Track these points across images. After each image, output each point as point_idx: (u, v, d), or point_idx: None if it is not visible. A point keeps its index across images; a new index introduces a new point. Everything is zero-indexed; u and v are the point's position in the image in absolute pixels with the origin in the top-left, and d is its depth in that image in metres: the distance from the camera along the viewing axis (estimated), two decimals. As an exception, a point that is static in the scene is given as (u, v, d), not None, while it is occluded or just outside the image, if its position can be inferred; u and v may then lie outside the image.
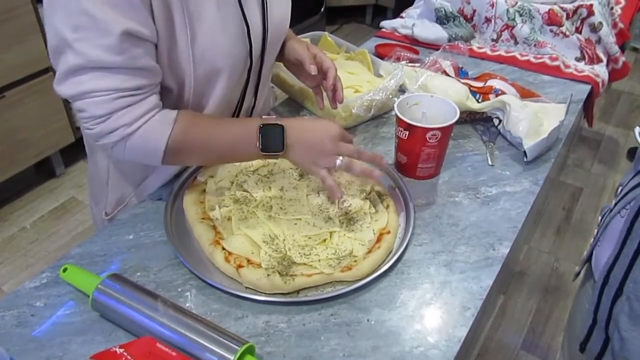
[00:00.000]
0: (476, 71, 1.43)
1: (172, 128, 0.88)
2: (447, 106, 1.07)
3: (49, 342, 0.78)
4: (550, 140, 1.15)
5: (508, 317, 2.15)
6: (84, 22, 0.77)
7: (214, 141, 0.92)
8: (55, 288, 0.86)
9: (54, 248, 2.37)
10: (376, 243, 0.92)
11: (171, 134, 0.88)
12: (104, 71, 0.81)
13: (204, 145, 0.92)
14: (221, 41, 0.92)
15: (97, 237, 0.95)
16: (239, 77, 1.00)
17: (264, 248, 0.90)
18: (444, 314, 0.83)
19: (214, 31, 0.90)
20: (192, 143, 0.91)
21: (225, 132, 0.93)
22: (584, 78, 1.45)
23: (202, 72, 0.93)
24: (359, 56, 1.41)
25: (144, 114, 0.86)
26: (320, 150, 0.92)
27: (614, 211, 0.91)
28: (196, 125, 0.91)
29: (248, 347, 0.73)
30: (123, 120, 0.84)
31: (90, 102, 0.83)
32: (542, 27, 1.54)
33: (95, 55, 0.79)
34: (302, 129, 0.93)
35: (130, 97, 0.84)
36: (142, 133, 0.86)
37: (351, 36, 4.10)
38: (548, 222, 2.60)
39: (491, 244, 0.95)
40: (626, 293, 0.82)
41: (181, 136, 0.89)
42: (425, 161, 1.06)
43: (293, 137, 0.91)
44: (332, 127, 0.94)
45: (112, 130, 0.85)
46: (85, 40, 0.78)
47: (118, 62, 0.80)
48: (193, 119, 0.92)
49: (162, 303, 0.77)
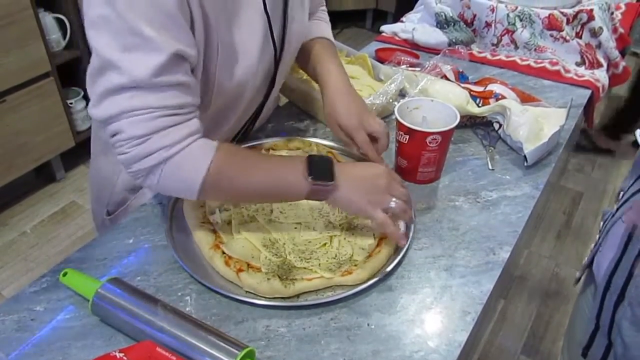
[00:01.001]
0: (476, 76, 1.43)
1: (214, 155, 0.81)
2: (448, 110, 1.07)
3: (48, 347, 0.78)
4: (551, 145, 1.15)
5: (508, 321, 2.15)
6: (133, 42, 0.74)
7: (257, 171, 0.86)
8: (55, 292, 0.86)
9: (54, 252, 2.37)
10: (376, 247, 0.91)
11: (213, 161, 0.81)
12: (146, 90, 0.77)
13: (246, 175, 0.85)
14: (246, 64, 0.92)
15: (97, 242, 0.95)
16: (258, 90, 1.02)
17: (264, 252, 0.90)
18: (444, 319, 0.83)
19: (241, 58, 0.90)
20: (235, 172, 0.85)
21: (270, 163, 0.88)
22: (584, 83, 1.45)
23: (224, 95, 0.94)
24: (359, 60, 1.42)
25: (186, 137, 0.80)
26: (373, 186, 0.87)
27: (616, 216, 0.91)
28: (238, 155, 0.86)
29: (248, 352, 0.73)
30: (163, 142, 0.78)
31: (129, 122, 0.77)
32: (542, 32, 1.54)
33: (141, 74, 0.75)
34: (351, 165, 0.91)
35: (173, 117, 0.79)
36: (182, 157, 0.80)
37: (351, 40, 4.10)
38: (548, 226, 2.60)
39: (491, 248, 0.95)
40: (628, 298, 0.82)
41: (223, 164, 0.82)
42: (426, 165, 1.06)
43: (343, 171, 0.86)
44: (381, 166, 0.92)
45: (150, 152, 0.79)
46: (133, 60, 0.75)
47: (163, 81, 0.77)
48: (234, 149, 0.89)
49: (162, 307, 0.77)
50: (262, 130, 1.24)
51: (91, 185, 1.18)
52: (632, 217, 0.82)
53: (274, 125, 1.26)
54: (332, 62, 1.10)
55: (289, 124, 1.27)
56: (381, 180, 0.87)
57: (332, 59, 1.10)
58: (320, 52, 1.12)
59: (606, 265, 0.88)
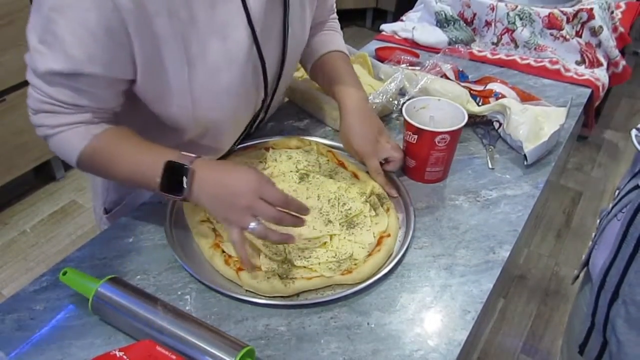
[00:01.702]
0: (476, 75, 1.43)
1: (87, 143, 0.87)
2: (455, 109, 1.07)
3: (48, 346, 0.78)
4: (551, 144, 1.15)
5: (508, 320, 2.15)
6: (47, 39, 0.77)
7: (121, 165, 0.89)
8: (55, 291, 0.86)
9: (53, 251, 2.37)
10: (376, 246, 0.92)
11: (85, 148, 0.87)
12: (42, 80, 0.82)
13: (111, 165, 0.89)
14: (226, 79, 0.90)
15: (97, 241, 0.95)
16: (249, 107, 1.00)
17: (264, 251, 0.90)
18: (444, 318, 0.83)
19: (215, 70, 0.88)
20: (102, 162, 0.89)
21: (135, 158, 0.88)
22: (584, 82, 1.45)
23: (203, 109, 0.92)
24: (359, 59, 1.41)
25: (67, 124, 0.86)
26: (231, 205, 0.82)
27: (611, 214, 0.91)
28: (111, 145, 0.89)
29: (248, 351, 0.73)
30: (46, 122, 0.86)
31: (31, 92, 0.85)
32: (542, 31, 1.54)
33: (39, 68, 0.80)
34: (214, 177, 0.84)
35: (58, 107, 0.84)
36: (59, 140, 0.88)
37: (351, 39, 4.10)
38: (548, 225, 2.60)
39: (491, 247, 0.95)
40: (622, 296, 0.82)
41: (93, 153, 0.88)
42: (434, 165, 1.06)
43: (201, 185, 0.83)
44: (252, 178, 0.83)
45: (38, 125, 0.88)
46: (42, 53, 0.78)
47: (57, 81, 0.81)
48: (112, 139, 0.89)
49: (161, 306, 0.77)
50: (262, 129, 1.24)
51: (90, 184, 1.19)
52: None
53: (273, 124, 1.26)
54: (350, 82, 1.08)
55: (289, 123, 1.27)
56: (242, 200, 0.81)
57: (349, 77, 1.09)
58: (337, 68, 1.11)
59: (601, 263, 0.88)
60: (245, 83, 0.94)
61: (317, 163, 1.09)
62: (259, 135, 1.20)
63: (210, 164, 0.87)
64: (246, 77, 0.93)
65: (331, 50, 1.14)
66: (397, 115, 1.29)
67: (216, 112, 0.94)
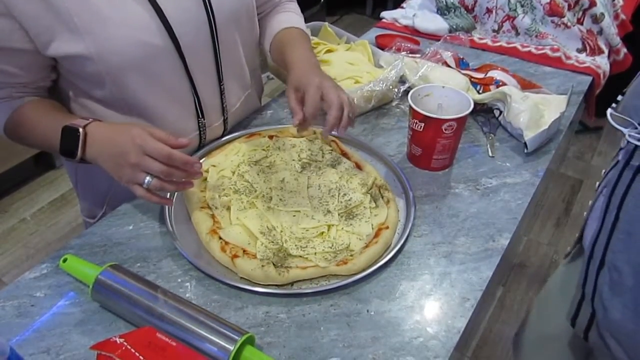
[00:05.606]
0: (477, 62, 1.42)
1: (7, 118, 0.96)
2: (459, 96, 1.06)
3: (49, 332, 0.78)
4: (551, 132, 1.15)
5: (507, 308, 2.16)
6: None
7: (36, 136, 0.96)
8: (55, 278, 0.86)
9: (54, 239, 2.37)
10: (374, 238, 0.91)
11: (6, 123, 0.97)
12: None
13: (29, 137, 0.97)
14: (122, 35, 0.89)
15: (97, 228, 0.95)
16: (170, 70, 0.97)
17: (261, 239, 0.89)
18: (443, 305, 0.83)
19: (108, 29, 0.88)
20: (21, 133, 0.97)
21: (45, 129, 0.93)
22: (585, 69, 1.44)
23: (110, 70, 0.91)
24: (359, 47, 1.41)
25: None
26: (121, 163, 0.84)
27: (598, 190, 0.93)
28: (28, 119, 0.95)
29: (248, 338, 0.73)
30: None
31: None
32: (543, 18, 1.53)
33: None
34: (105, 137, 0.86)
35: None
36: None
37: (351, 27, 4.08)
38: (548, 213, 2.60)
39: (491, 235, 0.95)
40: (607, 264, 0.84)
41: (14, 126, 0.96)
42: (441, 152, 1.05)
43: (93, 145, 0.87)
44: (135, 134, 0.83)
45: None
46: None
47: None
48: (29, 112, 0.95)
49: (162, 294, 0.78)
50: (261, 117, 1.23)
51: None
52: None
53: (272, 112, 1.26)
54: (302, 47, 1.07)
55: (289, 112, 1.26)
56: (129, 157, 0.82)
57: (303, 45, 1.08)
58: (291, 39, 1.11)
59: (590, 236, 0.90)
60: (143, 41, 0.91)
61: (320, 152, 1.08)
62: (259, 123, 1.20)
63: (105, 125, 0.89)
64: (144, 34, 0.90)
65: (286, 27, 1.15)
66: (397, 103, 1.28)
67: (118, 57, 0.90)
